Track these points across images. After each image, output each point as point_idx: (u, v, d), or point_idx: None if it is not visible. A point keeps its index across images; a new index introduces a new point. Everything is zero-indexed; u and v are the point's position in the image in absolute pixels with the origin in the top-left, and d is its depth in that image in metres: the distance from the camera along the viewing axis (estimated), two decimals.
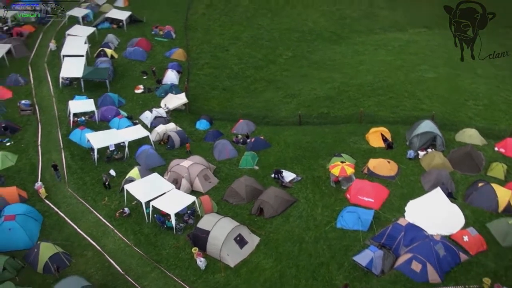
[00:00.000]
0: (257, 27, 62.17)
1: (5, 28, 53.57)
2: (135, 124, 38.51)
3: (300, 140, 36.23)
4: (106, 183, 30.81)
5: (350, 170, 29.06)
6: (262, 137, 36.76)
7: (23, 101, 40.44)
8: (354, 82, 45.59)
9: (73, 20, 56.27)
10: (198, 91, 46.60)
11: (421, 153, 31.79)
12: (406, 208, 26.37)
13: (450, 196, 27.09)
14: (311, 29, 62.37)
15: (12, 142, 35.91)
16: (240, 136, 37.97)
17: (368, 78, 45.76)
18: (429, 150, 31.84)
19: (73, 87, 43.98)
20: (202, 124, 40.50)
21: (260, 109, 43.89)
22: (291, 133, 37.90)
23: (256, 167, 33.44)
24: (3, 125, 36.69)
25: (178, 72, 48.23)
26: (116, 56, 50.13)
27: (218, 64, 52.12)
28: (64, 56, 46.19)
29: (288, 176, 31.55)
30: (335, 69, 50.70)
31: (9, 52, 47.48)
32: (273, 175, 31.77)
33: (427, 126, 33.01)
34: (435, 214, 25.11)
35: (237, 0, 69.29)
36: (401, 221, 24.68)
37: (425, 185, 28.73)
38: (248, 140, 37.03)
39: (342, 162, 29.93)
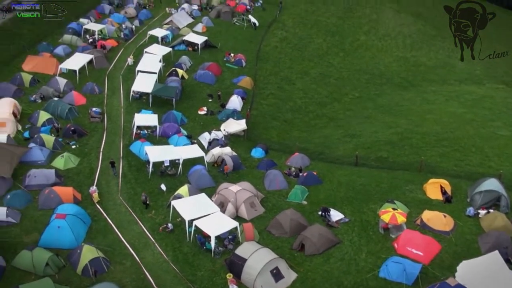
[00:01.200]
0: (327, 65, 62.38)
1: (91, 40, 57.82)
2: (193, 143, 39.43)
3: (354, 181, 35.17)
4: (146, 202, 31.22)
5: (401, 219, 27.58)
6: (315, 173, 36.12)
7: (94, 109, 42.94)
8: (419, 130, 43.92)
9: (153, 40, 59.54)
10: (259, 119, 47.06)
11: (482, 212, 29.53)
12: (458, 268, 24.28)
13: (509, 262, 24.73)
14: (381, 72, 61.57)
15: (78, 146, 37.97)
16: (293, 169, 37.58)
17: (435, 128, 43.91)
18: (491, 210, 29.55)
19: (141, 101, 46.09)
20: (257, 152, 40.63)
21: (318, 145, 43.40)
22: (346, 173, 36.95)
23: (305, 202, 32.78)
24: (72, 128, 39.00)
25: (243, 98, 49.17)
26: (186, 77, 52.16)
27: (283, 96, 52.56)
28: (138, 71, 48.82)
29: (336, 215, 30.54)
30: (401, 114, 49.29)
31: (90, 63, 50.90)
32: (320, 213, 30.92)
33: (492, 184, 30.74)
34: (489, 279, 22.89)
35: (311, 38, 70.27)
36: (450, 281, 22.73)
37: (482, 246, 26.51)
38: (301, 174, 36.54)
39: (394, 209, 28.57)
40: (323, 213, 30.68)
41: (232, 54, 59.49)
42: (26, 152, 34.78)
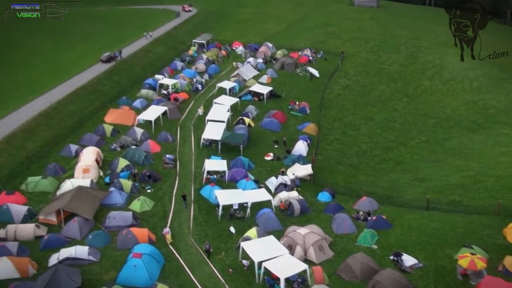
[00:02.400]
0: (391, 110, 62.05)
1: (165, 92, 62.22)
2: (260, 187, 40.36)
3: (426, 225, 33.92)
4: (209, 250, 31.51)
5: (481, 264, 26.11)
6: (384, 217, 35.38)
7: (167, 155, 45.59)
8: (493, 173, 41.86)
9: (222, 91, 62.90)
10: (324, 164, 47.36)
11: None
12: None
13: None
14: (448, 116, 60.14)
15: (152, 190, 40.27)
16: (361, 213, 37.08)
17: (510, 171, 41.64)
18: None
19: (211, 148, 48.28)
20: (324, 196, 40.65)
21: (385, 189, 42.60)
22: (416, 217, 35.76)
23: (375, 246, 32.04)
24: (148, 174, 41.57)
25: (308, 144, 49.91)
26: (253, 125, 54.13)
27: (347, 141, 52.71)
28: (208, 120, 51.55)
29: (409, 260, 29.50)
30: (472, 158, 47.39)
31: (164, 114, 54.54)
32: (392, 257, 30.05)
33: None
34: None
35: (374, 85, 70.62)
36: None
37: None
38: (369, 218, 35.93)
39: (472, 254, 27.10)
40: (395, 258, 29.78)
41: (296, 102, 61.01)
42: (107, 196, 37.45)
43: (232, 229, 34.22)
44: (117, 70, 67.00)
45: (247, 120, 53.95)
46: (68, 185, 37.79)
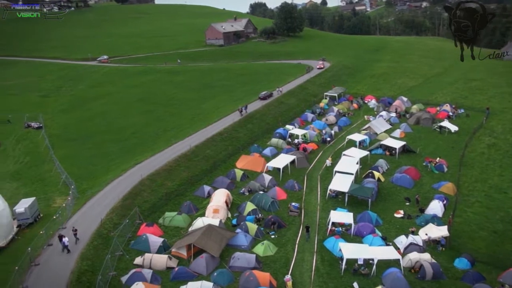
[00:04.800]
0: None
1: (295, 142, 63.49)
2: (388, 245, 37.85)
3: None
4: None
5: None
6: None
7: (293, 203, 45.75)
8: None
9: (351, 144, 62.02)
10: (463, 227, 42.67)
11: None
12: None
13: None
14: None
15: (276, 236, 40.47)
16: (507, 286, 32.16)
17: None
18: None
19: (337, 200, 47.22)
20: (461, 263, 36.36)
21: None
22: None
23: None
24: (273, 219, 42.05)
25: (444, 205, 45.80)
26: (383, 179, 51.83)
27: (492, 205, 46.99)
28: (336, 171, 50.88)
29: None
30: None
31: (293, 163, 55.38)
32: None
33: None
34: None
35: None
36: None
37: None
38: None
39: None
40: None
41: (438, 159, 56.85)
42: (233, 237, 38.66)
43: (355, 286, 32.42)
44: (250, 119, 70.71)
45: (376, 174, 51.95)
46: (199, 222, 40.09)
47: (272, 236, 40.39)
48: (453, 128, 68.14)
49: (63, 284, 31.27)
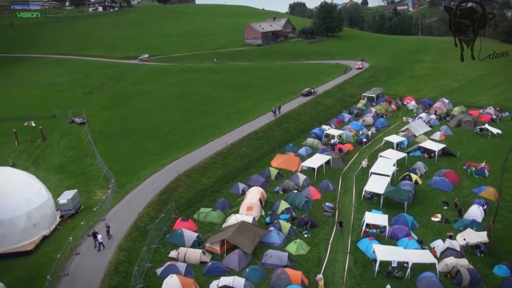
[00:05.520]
0: None
1: (331, 142, 63.09)
2: (423, 249, 37.06)
3: None
4: None
5: None
6: None
7: (327, 204, 45.50)
8: None
9: (388, 145, 61.03)
10: (505, 234, 41.11)
11: None
12: None
13: None
14: None
15: (309, 235, 40.41)
16: None
17: None
18: None
19: (372, 201, 46.60)
20: (501, 270, 35.03)
21: None
22: None
23: None
24: (306, 219, 42.02)
25: (484, 210, 44.32)
26: (420, 182, 50.73)
27: None
28: (372, 173, 50.22)
29: None
30: None
31: (328, 163, 55.08)
32: None
33: None
34: None
35: None
36: None
37: None
38: None
39: None
40: None
41: (483, 164, 54.91)
42: (266, 234, 38.94)
43: None
44: (286, 118, 70.81)
45: (414, 176, 50.87)
46: (233, 219, 40.61)
47: (305, 235, 40.36)
48: (496, 131, 65.75)
49: (101, 273, 32.49)
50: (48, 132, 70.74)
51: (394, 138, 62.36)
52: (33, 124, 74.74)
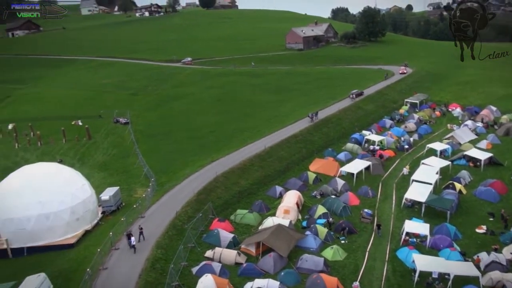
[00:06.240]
0: None
1: (371, 148, 61.91)
2: (466, 261, 35.56)
3: None
4: None
5: None
6: None
7: (366, 210, 44.62)
8: None
9: (431, 153, 59.19)
10: None
11: None
12: None
13: None
14: None
15: (346, 241, 39.71)
16: None
17: None
18: None
19: (413, 210, 45.27)
20: None
21: None
22: None
23: None
24: (344, 225, 41.34)
25: None
26: (464, 192, 48.82)
27: None
28: (413, 180, 48.85)
29: None
30: None
31: (367, 169, 54.02)
32: None
33: None
34: None
35: None
36: None
37: None
38: None
39: None
40: None
41: None
42: (302, 238, 38.61)
43: None
44: (326, 122, 70.10)
45: (458, 185, 49.02)
46: (269, 222, 40.59)
47: (342, 241, 39.72)
48: None
49: (138, 269, 33.20)
50: (94, 131, 73.40)
51: (438, 146, 60.42)
52: (80, 123, 77.75)
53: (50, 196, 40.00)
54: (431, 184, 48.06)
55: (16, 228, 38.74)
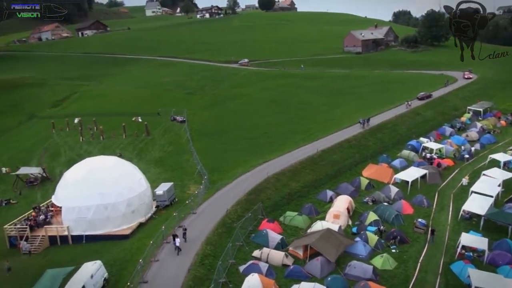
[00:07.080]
0: None
1: (429, 156, 59.69)
2: None
3: None
4: None
5: None
6: None
7: (420, 220, 43.02)
8: None
9: (494, 164, 56.14)
10: None
11: None
12: None
13: None
14: None
15: (397, 251, 38.52)
16: None
17: None
18: None
19: (471, 222, 43.17)
20: None
21: None
22: None
23: None
24: (395, 233, 40.13)
25: None
26: None
27: None
28: (472, 192, 46.60)
29: None
30: None
31: (423, 177, 52.17)
32: None
33: None
34: None
35: None
36: None
37: None
38: None
39: None
40: None
41: None
42: (351, 245, 37.93)
43: None
44: (381, 128, 68.47)
45: None
46: (318, 225, 40.28)
47: (393, 250, 38.58)
48: None
49: (188, 263, 34.11)
50: (152, 127, 76.26)
51: (502, 157, 57.15)
52: (140, 120, 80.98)
53: (109, 188, 42.05)
54: (492, 196, 45.64)
55: (77, 216, 41.16)
